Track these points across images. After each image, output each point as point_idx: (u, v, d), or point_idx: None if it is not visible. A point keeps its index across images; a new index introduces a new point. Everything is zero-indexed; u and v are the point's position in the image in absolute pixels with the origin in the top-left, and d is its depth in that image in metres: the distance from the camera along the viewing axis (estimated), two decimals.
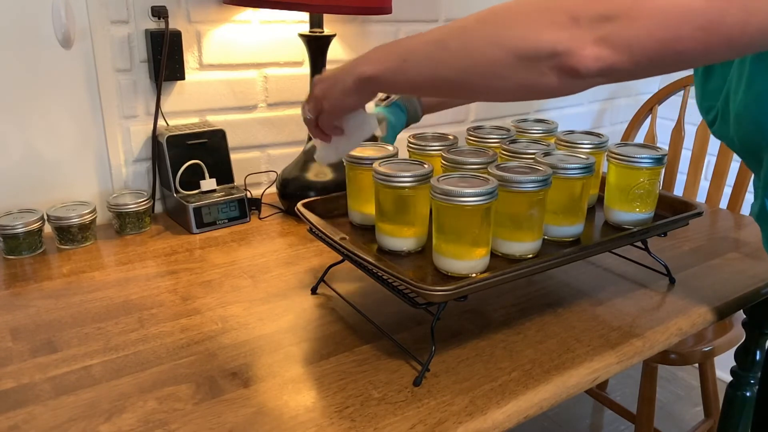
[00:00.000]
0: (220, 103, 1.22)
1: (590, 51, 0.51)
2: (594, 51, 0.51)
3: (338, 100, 0.70)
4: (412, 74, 0.63)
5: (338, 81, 0.69)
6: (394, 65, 0.64)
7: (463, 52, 0.59)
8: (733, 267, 1.00)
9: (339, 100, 0.70)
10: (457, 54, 0.59)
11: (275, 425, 0.61)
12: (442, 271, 0.74)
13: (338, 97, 0.70)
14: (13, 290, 0.87)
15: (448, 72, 0.60)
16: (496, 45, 0.56)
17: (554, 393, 0.69)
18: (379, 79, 0.65)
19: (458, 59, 0.59)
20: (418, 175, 0.75)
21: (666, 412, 1.89)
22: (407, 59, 0.63)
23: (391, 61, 0.64)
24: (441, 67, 0.61)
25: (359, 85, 0.67)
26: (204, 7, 1.15)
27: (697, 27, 0.49)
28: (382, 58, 0.65)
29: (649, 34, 0.50)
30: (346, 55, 1.34)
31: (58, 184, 1.09)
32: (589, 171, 0.81)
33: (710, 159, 1.70)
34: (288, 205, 1.17)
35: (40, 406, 0.64)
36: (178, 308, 0.83)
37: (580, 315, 0.84)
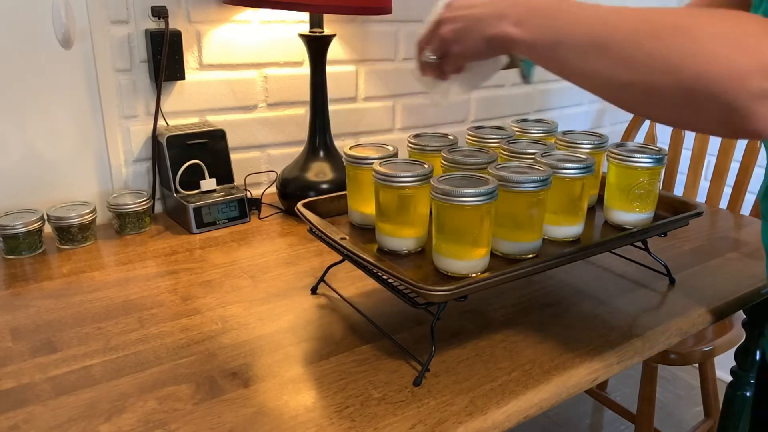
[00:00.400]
0: (220, 103, 1.22)
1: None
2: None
3: (471, 48, 0.64)
4: (561, 59, 0.57)
5: (476, 28, 0.63)
6: (546, 40, 0.58)
7: (623, 64, 0.52)
8: (733, 267, 1.00)
9: (472, 47, 0.64)
10: (615, 63, 0.53)
11: (275, 425, 0.61)
12: (442, 271, 0.74)
13: (472, 45, 0.64)
14: (13, 290, 0.87)
15: (600, 78, 0.55)
16: (668, 72, 0.49)
17: (554, 393, 0.69)
18: (523, 46, 0.60)
19: (615, 69, 0.53)
20: (418, 175, 0.75)
21: (666, 412, 1.89)
22: (561, 42, 0.57)
23: (545, 35, 0.58)
24: (594, 70, 0.55)
25: (499, 42, 0.61)
26: (204, 7, 1.15)
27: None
28: (535, 26, 0.58)
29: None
30: (346, 55, 1.34)
31: (58, 184, 1.09)
32: (589, 171, 0.81)
33: (710, 159, 1.70)
34: (288, 205, 1.17)
35: (40, 406, 0.64)
36: (178, 308, 0.83)
37: (580, 315, 0.84)
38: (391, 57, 1.41)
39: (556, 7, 0.58)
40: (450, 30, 0.65)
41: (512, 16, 0.60)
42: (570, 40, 0.56)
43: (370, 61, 1.38)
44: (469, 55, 0.66)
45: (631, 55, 0.51)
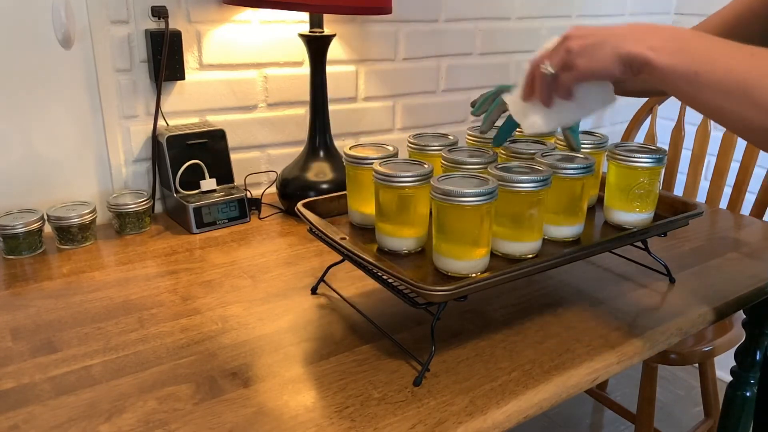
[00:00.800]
0: (220, 103, 1.22)
1: None
2: None
3: (598, 64, 0.63)
4: (699, 93, 0.58)
5: (607, 44, 0.62)
6: (683, 70, 0.58)
7: (766, 113, 0.53)
8: (733, 267, 1.00)
9: (599, 63, 0.63)
10: (760, 107, 0.54)
11: (275, 425, 0.61)
12: (442, 271, 0.74)
13: (600, 61, 0.63)
14: (13, 290, 0.87)
15: (738, 117, 0.55)
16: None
17: (554, 393, 0.69)
18: (658, 72, 0.59)
19: (759, 113, 0.54)
20: (418, 175, 0.75)
21: (666, 412, 1.89)
22: (700, 73, 0.57)
23: (684, 63, 0.58)
24: (733, 108, 0.55)
25: (633, 63, 0.61)
26: (204, 7, 1.15)
27: None
28: (674, 52, 0.58)
29: None
30: (346, 55, 1.34)
31: (58, 184, 1.09)
32: (589, 171, 0.81)
33: (710, 159, 1.70)
34: (288, 205, 1.17)
35: (40, 406, 0.64)
36: (178, 308, 0.83)
37: (580, 315, 0.84)
38: (391, 57, 1.41)
39: (695, 38, 0.58)
40: (579, 44, 0.64)
41: (651, 39, 0.60)
42: (710, 74, 0.56)
43: (370, 61, 1.38)
44: (595, 71, 0.64)
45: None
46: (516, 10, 1.58)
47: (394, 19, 1.39)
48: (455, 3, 1.47)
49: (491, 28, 1.55)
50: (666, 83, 0.60)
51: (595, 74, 0.65)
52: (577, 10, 1.71)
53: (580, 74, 0.66)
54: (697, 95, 0.58)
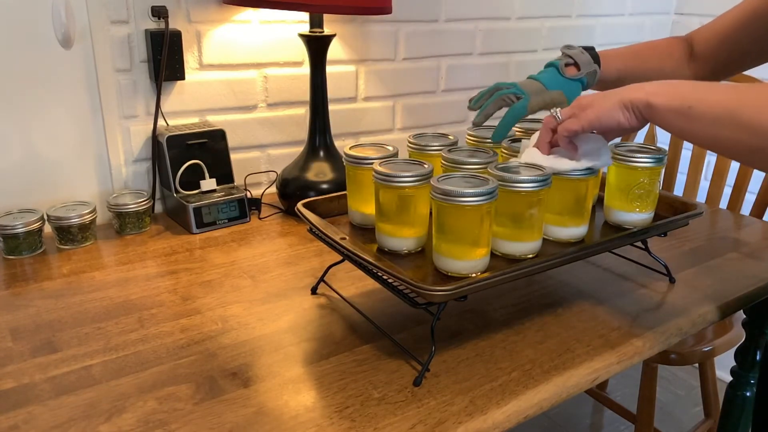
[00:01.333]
0: (220, 103, 1.22)
1: None
2: None
3: (604, 110, 0.70)
4: (692, 125, 0.65)
5: (614, 95, 0.70)
6: (678, 107, 0.66)
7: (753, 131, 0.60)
8: (733, 267, 1.00)
9: (606, 109, 0.70)
10: (745, 130, 0.60)
11: (275, 425, 0.61)
12: (442, 271, 0.74)
13: (605, 107, 0.70)
14: (13, 290, 0.87)
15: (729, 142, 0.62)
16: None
17: (554, 393, 0.69)
18: (657, 110, 0.67)
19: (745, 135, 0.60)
20: (418, 175, 0.75)
21: (666, 412, 1.89)
22: (693, 107, 0.64)
23: (678, 102, 0.66)
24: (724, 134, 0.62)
25: (636, 105, 0.69)
26: (204, 7, 1.15)
27: None
28: (669, 93, 0.67)
29: None
30: (346, 55, 1.34)
31: (58, 184, 1.09)
32: (594, 172, 0.81)
33: (710, 159, 1.70)
34: (288, 205, 1.17)
35: (40, 406, 0.64)
36: (178, 308, 0.83)
37: (580, 315, 0.84)
38: (391, 57, 1.41)
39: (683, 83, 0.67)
40: (588, 100, 0.73)
41: (649, 87, 0.68)
42: (702, 106, 0.64)
43: (370, 61, 1.38)
44: (601, 117, 0.71)
45: (761, 124, 0.59)
46: (516, 10, 1.58)
47: (394, 19, 1.39)
48: (455, 3, 1.47)
49: (491, 28, 1.55)
50: (665, 121, 0.67)
51: (601, 120, 0.71)
52: (577, 10, 1.71)
53: (586, 121, 0.72)
54: (693, 127, 0.65)
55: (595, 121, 0.72)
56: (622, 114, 0.70)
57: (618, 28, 1.83)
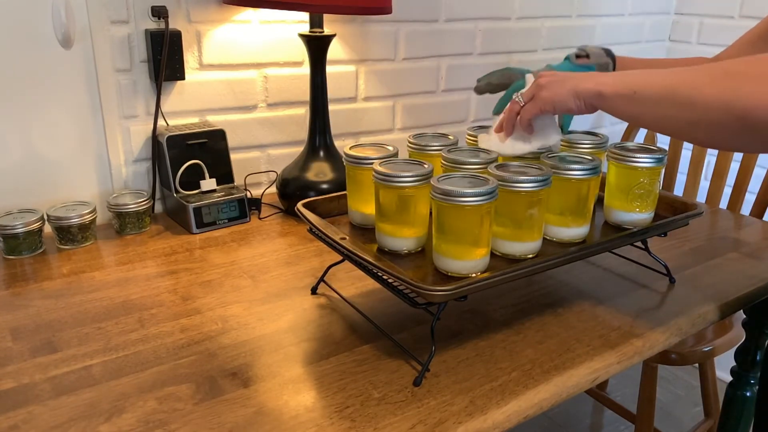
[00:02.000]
0: (220, 103, 1.22)
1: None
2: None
3: (558, 95, 0.75)
4: (637, 107, 0.70)
5: (568, 82, 0.75)
6: (624, 92, 0.70)
7: (690, 108, 0.64)
8: (733, 267, 1.00)
9: (559, 95, 0.75)
10: (683, 106, 0.65)
11: (275, 425, 0.61)
12: (442, 271, 0.74)
13: (560, 93, 0.75)
14: (13, 290, 0.87)
15: (670, 119, 0.67)
16: (723, 111, 0.61)
17: (554, 393, 0.69)
18: (606, 98, 0.72)
19: (683, 112, 0.65)
20: (418, 175, 0.75)
21: (666, 412, 1.89)
22: (637, 92, 0.69)
23: (624, 88, 0.70)
24: (665, 113, 0.67)
25: (587, 94, 0.73)
26: (204, 7, 1.15)
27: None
28: (617, 83, 0.71)
29: None
30: (346, 55, 1.34)
31: (58, 184, 1.09)
32: (596, 172, 0.81)
33: (710, 159, 1.70)
34: (288, 205, 1.17)
35: (40, 406, 0.64)
36: (178, 308, 0.83)
37: (580, 315, 0.84)
38: (391, 57, 1.41)
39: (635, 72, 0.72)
40: (546, 80, 0.77)
41: (599, 78, 0.73)
42: (645, 90, 0.69)
43: (370, 61, 1.38)
44: (555, 102, 0.76)
45: (695, 99, 0.64)
46: (516, 10, 1.58)
47: (394, 19, 1.39)
48: (455, 3, 1.47)
49: (491, 28, 1.55)
50: (613, 107, 0.72)
51: (555, 104, 0.76)
52: (577, 10, 1.71)
53: (541, 104, 0.77)
54: (638, 110, 0.70)
55: (549, 104, 0.77)
56: (573, 102, 0.74)
57: (618, 28, 1.83)
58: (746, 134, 0.60)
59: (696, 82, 0.64)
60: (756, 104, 0.58)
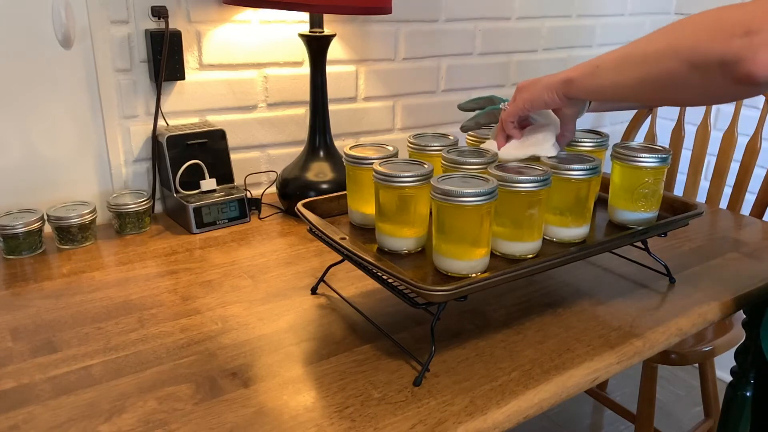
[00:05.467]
0: (220, 103, 1.22)
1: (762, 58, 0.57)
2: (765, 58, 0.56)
3: (533, 93, 0.80)
4: (601, 80, 0.73)
5: (542, 80, 0.80)
6: (588, 71, 0.75)
7: (643, 63, 0.67)
8: (733, 267, 1.00)
9: (534, 92, 0.80)
10: (637, 64, 0.68)
11: (275, 425, 0.61)
12: (442, 271, 0.74)
13: (535, 91, 0.80)
14: (13, 290, 0.87)
15: (629, 80, 0.70)
16: (671, 57, 0.64)
17: (554, 393, 0.69)
18: (574, 81, 0.76)
19: (638, 69, 0.68)
20: (418, 175, 0.75)
21: (666, 412, 1.89)
22: (599, 66, 0.74)
23: (587, 67, 0.75)
24: (624, 75, 0.70)
25: (558, 85, 0.77)
26: (204, 7, 1.15)
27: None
28: (583, 66, 0.76)
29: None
30: (346, 55, 1.34)
31: (58, 184, 1.09)
32: (596, 172, 0.81)
33: (710, 159, 1.70)
34: (288, 205, 1.17)
35: (40, 406, 0.64)
36: (178, 308, 0.83)
37: (580, 315, 0.83)
38: (391, 57, 1.41)
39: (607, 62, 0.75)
40: (523, 84, 0.83)
41: (569, 70, 0.78)
42: (606, 62, 0.73)
43: (370, 61, 1.38)
44: (532, 100, 0.80)
45: (647, 53, 0.67)
46: (516, 10, 1.58)
47: (394, 19, 1.39)
48: (455, 3, 1.47)
49: (491, 28, 1.55)
50: (581, 88, 0.76)
51: (532, 102, 0.80)
52: (577, 10, 1.71)
53: (520, 102, 0.82)
54: (601, 82, 0.73)
55: (527, 102, 0.81)
56: (546, 95, 0.79)
57: (618, 28, 1.83)
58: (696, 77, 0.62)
59: (648, 39, 0.68)
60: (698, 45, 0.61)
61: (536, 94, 0.80)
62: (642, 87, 0.69)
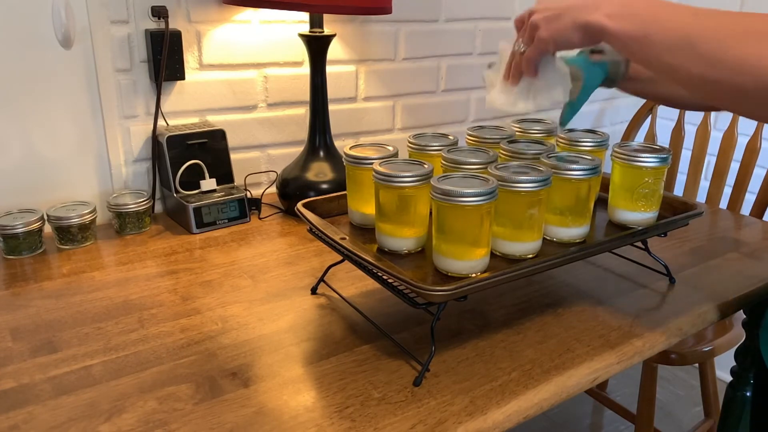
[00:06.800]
0: (220, 103, 1.22)
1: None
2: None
3: (558, 33, 0.66)
4: (649, 52, 0.61)
5: (567, 14, 0.66)
6: (635, 32, 0.61)
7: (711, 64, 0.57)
8: (733, 267, 1.00)
9: (559, 32, 0.66)
10: (702, 61, 0.57)
11: (275, 425, 0.61)
12: (442, 271, 0.74)
13: (559, 30, 0.66)
14: (13, 290, 0.87)
15: (687, 74, 0.59)
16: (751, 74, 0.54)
17: (554, 393, 0.69)
18: (612, 37, 0.63)
19: (702, 66, 0.57)
20: (418, 175, 0.75)
21: (666, 412, 1.89)
22: (650, 35, 0.60)
23: (634, 26, 0.61)
24: (682, 65, 0.59)
25: (588, 30, 0.64)
26: (204, 7, 1.15)
27: None
28: (625, 16, 0.62)
29: None
30: (346, 55, 1.34)
31: (58, 184, 1.09)
32: (596, 172, 0.81)
33: (710, 159, 1.70)
34: (288, 205, 1.17)
35: (40, 406, 0.64)
36: (178, 308, 0.83)
37: (580, 315, 0.84)
38: (391, 57, 1.41)
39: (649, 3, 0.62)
40: (541, 17, 0.68)
41: (605, 7, 0.63)
42: (659, 35, 0.60)
43: (370, 61, 1.38)
44: (556, 40, 0.67)
45: (719, 56, 0.56)
46: (516, 10, 1.58)
47: (394, 19, 1.39)
48: (455, 3, 1.47)
49: (491, 28, 1.55)
50: (619, 45, 0.64)
51: (557, 43, 0.68)
52: None
53: (543, 44, 0.69)
54: (649, 54, 0.61)
55: (549, 42, 0.68)
56: (576, 36, 0.66)
57: None
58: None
59: (719, 35, 0.56)
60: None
61: (562, 34, 0.66)
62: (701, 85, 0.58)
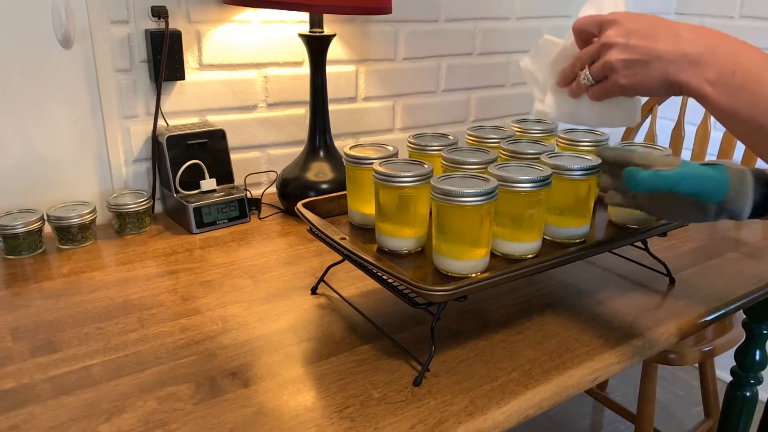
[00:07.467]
0: (220, 103, 1.22)
1: None
2: None
3: (640, 84, 0.59)
4: (761, 139, 0.54)
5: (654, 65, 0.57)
6: (747, 116, 0.53)
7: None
8: (733, 267, 1.00)
9: (641, 84, 0.59)
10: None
11: (275, 425, 0.61)
12: (442, 271, 0.74)
13: (642, 82, 0.59)
14: (13, 290, 0.87)
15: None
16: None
17: (554, 393, 0.69)
18: (711, 105, 0.56)
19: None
20: (418, 175, 0.75)
21: (666, 412, 1.89)
22: (758, 120, 0.53)
23: (746, 106, 0.53)
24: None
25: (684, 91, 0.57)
26: (204, 7, 1.15)
27: None
28: (736, 90, 0.53)
29: None
30: (346, 55, 1.34)
31: (58, 184, 1.09)
32: (596, 172, 0.81)
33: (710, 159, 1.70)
34: (288, 205, 1.17)
35: (40, 406, 0.64)
36: (178, 308, 0.83)
37: (580, 315, 0.84)
38: (391, 57, 1.41)
39: (758, 72, 0.53)
40: (621, 59, 0.59)
41: (706, 71, 0.55)
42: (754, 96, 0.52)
43: (370, 61, 1.38)
44: (637, 90, 0.61)
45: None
46: (516, 10, 1.58)
47: (394, 19, 1.39)
48: (455, 3, 1.47)
49: (491, 28, 1.55)
50: (724, 121, 0.56)
51: (636, 92, 0.62)
52: (577, 10, 1.71)
53: (618, 90, 0.62)
54: (760, 142, 0.54)
55: (628, 90, 0.61)
56: (662, 90, 0.58)
57: None
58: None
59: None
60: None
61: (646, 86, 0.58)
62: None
